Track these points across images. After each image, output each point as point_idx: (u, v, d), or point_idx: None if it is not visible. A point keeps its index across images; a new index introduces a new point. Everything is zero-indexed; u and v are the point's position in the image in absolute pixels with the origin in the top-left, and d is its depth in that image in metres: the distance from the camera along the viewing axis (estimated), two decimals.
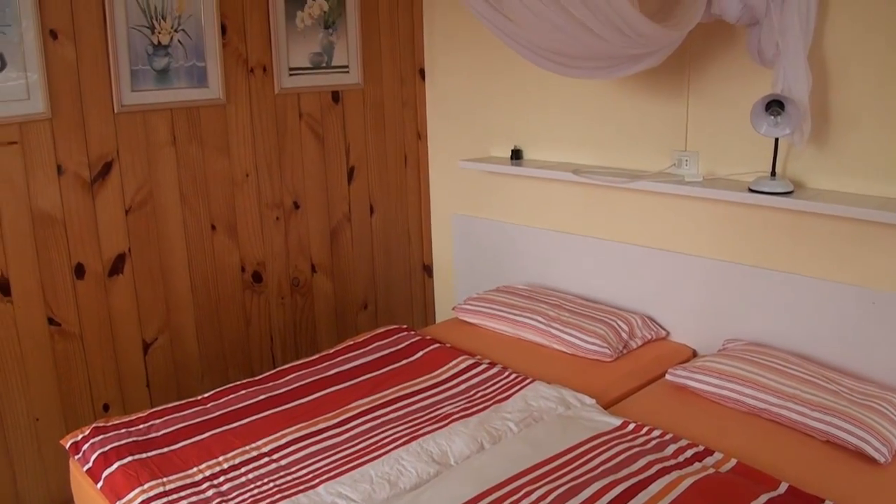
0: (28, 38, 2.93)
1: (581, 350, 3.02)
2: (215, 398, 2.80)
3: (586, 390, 2.71)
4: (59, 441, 3.12)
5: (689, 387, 2.71)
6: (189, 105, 3.36)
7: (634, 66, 2.80)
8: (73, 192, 3.11)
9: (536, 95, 3.62)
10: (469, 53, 3.91)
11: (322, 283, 3.92)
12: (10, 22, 2.89)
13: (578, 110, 3.47)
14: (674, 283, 3.18)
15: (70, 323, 3.17)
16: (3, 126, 2.93)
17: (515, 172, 3.62)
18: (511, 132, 3.78)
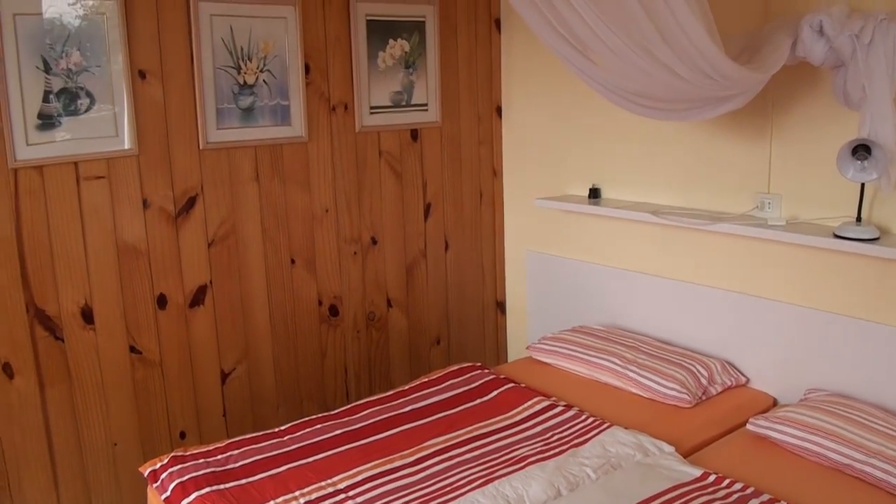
0: (117, 77, 3.04)
1: (659, 395, 2.98)
2: (292, 431, 2.83)
3: (665, 437, 2.67)
4: (138, 468, 3.19)
5: (770, 438, 2.65)
6: (272, 142, 3.44)
7: (718, 109, 2.77)
8: (158, 225, 3.21)
9: (615, 134, 3.61)
10: (547, 91, 3.93)
11: (397, 317, 3.95)
12: (100, 62, 3.01)
13: (658, 150, 3.45)
14: (754, 328, 3.12)
15: (151, 351, 3.25)
16: (91, 161, 3.04)
17: (594, 212, 3.60)
18: (588, 170, 3.78)
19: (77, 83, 2.98)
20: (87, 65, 2.98)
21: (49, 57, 2.90)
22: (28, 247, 2.96)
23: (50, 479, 3.11)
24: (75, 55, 2.95)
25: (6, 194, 2.89)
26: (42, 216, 2.97)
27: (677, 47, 2.44)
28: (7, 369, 2.97)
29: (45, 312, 3.02)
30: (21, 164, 2.90)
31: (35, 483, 3.08)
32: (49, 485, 3.10)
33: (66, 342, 3.08)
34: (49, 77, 2.92)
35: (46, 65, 2.90)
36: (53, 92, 2.94)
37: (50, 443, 3.09)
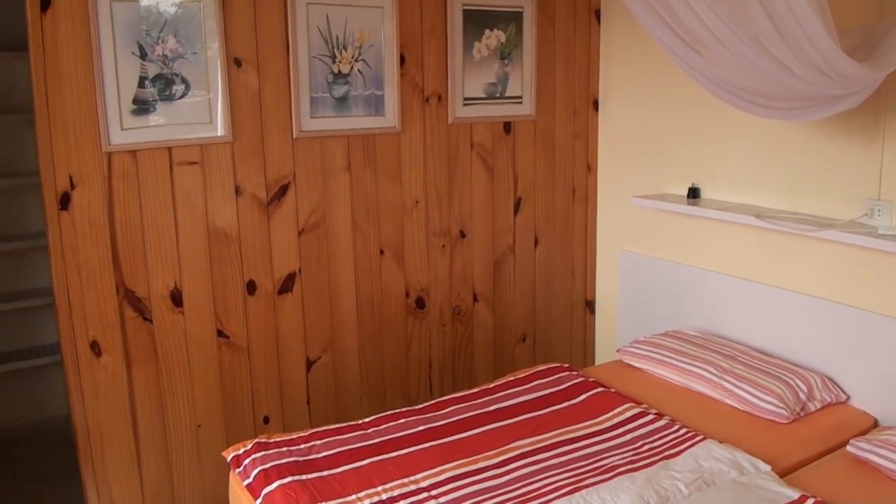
0: (213, 65, 3.05)
1: (755, 408, 2.84)
2: (376, 424, 2.80)
3: (761, 454, 2.53)
4: (221, 451, 3.22)
5: (872, 462, 2.49)
6: (365, 132, 3.41)
7: (832, 108, 2.62)
8: (250, 213, 3.21)
9: (717, 131, 3.46)
10: (646, 85, 3.80)
11: (483, 312, 3.88)
12: (196, 49, 3.01)
13: (763, 150, 3.29)
14: (858, 343, 2.95)
15: (238, 336, 3.26)
16: (185, 147, 3.06)
17: (692, 212, 3.47)
18: (687, 168, 3.64)
19: (172, 69, 2.99)
20: (182, 51, 2.99)
21: (145, 43, 2.92)
22: (119, 229, 2.99)
23: (133, 457, 3.15)
24: (171, 42, 2.97)
25: (99, 177, 2.92)
26: (135, 199, 3.00)
27: (792, 42, 2.31)
28: (95, 347, 3.02)
29: (135, 294, 3.06)
30: (115, 147, 2.93)
31: (118, 460, 3.12)
32: (132, 462, 3.15)
33: (155, 324, 3.11)
34: (145, 63, 2.94)
35: (142, 51, 2.92)
36: (149, 78, 2.96)
37: (134, 421, 3.13)
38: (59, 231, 2.91)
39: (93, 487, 3.10)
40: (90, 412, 3.05)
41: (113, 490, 3.14)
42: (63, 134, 2.84)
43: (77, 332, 3.00)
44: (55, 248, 2.92)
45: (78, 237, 2.94)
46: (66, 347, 3.00)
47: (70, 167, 2.87)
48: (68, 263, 2.94)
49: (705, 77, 2.67)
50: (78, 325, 2.99)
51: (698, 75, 2.68)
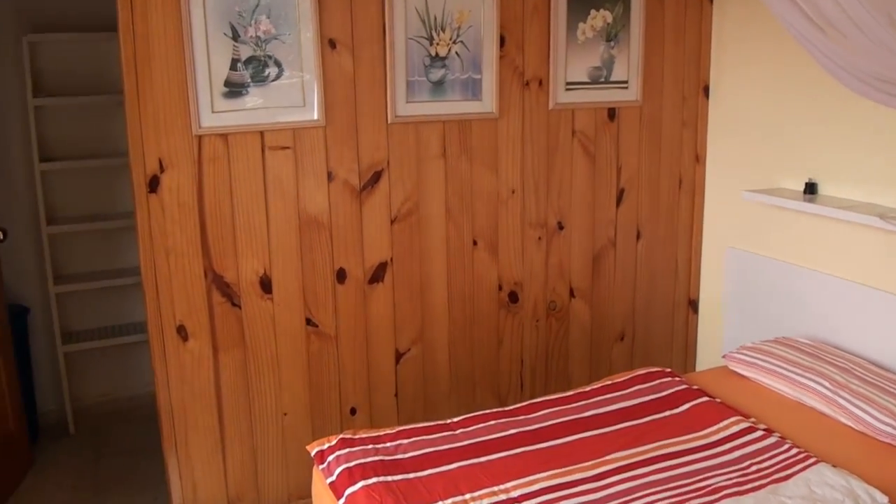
0: (307, 46, 2.96)
1: (872, 429, 2.59)
2: (465, 425, 2.67)
3: (879, 483, 2.29)
4: (306, 440, 3.19)
5: None
6: (461, 118, 3.27)
7: None
8: (342, 199, 3.12)
9: (840, 123, 3.19)
10: (762, 70, 3.54)
11: (579, 309, 3.71)
12: (290, 30, 2.93)
13: (889, 143, 3.01)
14: None
15: (327, 325, 3.19)
16: (277, 131, 2.99)
17: (809, 210, 3.21)
18: (804, 162, 3.38)
19: (265, 51, 2.91)
20: (276, 33, 2.91)
21: (238, 24, 2.85)
22: (209, 213, 2.95)
23: (217, 444, 3.13)
24: (264, 23, 2.88)
25: (189, 160, 2.88)
26: (225, 184, 2.94)
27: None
28: (182, 331, 3.00)
29: (224, 279, 3.01)
30: (206, 130, 2.87)
31: (202, 445, 3.11)
32: (216, 449, 3.13)
33: (243, 309, 3.07)
34: (237, 45, 2.86)
35: (235, 32, 2.85)
36: (241, 60, 2.89)
37: (220, 407, 3.10)
38: (148, 214, 2.88)
39: (175, 471, 3.10)
40: (175, 397, 3.04)
41: (196, 475, 3.13)
42: (153, 116, 2.80)
43: (164, 316, 2.98)
44: (143, 232, 2.89)
45: (167, 220, 2.90)
46: (153, 331, 2.98)
47: (160, 150, 2.84)
48: (156, 247, 2.91)
49: (833, 62, 2.44)
50: (165, 309, 2.97)
51: (826, 59, 2.45)
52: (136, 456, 3.97)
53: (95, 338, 4.29)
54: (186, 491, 3.13)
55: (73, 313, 4.34)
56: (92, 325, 4.40)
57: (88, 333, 4.34)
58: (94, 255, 4.33)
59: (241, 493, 3.22)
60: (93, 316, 4.40)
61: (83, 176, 4.23)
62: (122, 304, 4.41)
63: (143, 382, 4.48)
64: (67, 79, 4.12)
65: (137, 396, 4.49)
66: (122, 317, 4.44)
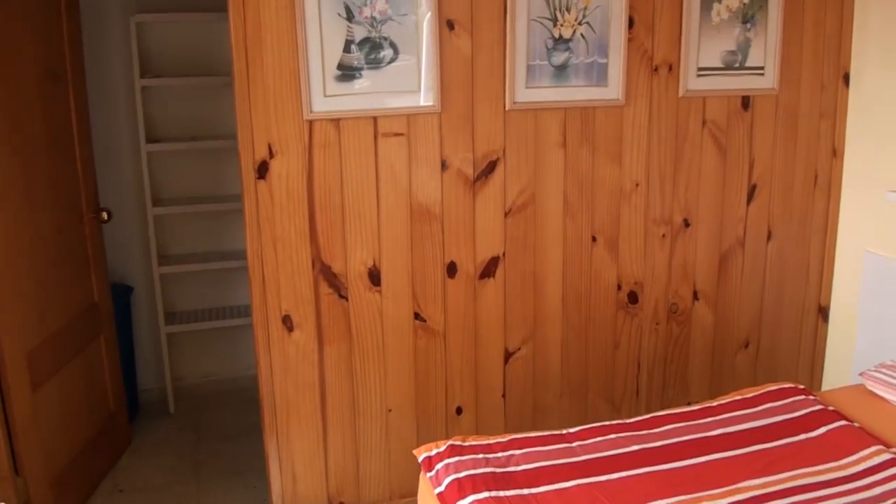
0: (424, 28, 2.80)
1: None
2: (581, 437, 2.49)
3: None
4: (410, 438, 3.08)
5: None
6: (584, 105, 3.07)
7: None
8: (455, 189, 2.96)
9: None
10: None
11: (702, 312, 3.46)
12: (406, 10, 2.78)
13: None
14: None
15: (435, 320, 3.05)
16: (391, 117, 2.85)
17: None
18: None
19: (381, 33, 2.77)
20: (392, 13, 2.76)
21: (352, 4, 2.71)
22: (318, 201, 2.84)
23: (319, 436, 3.05)
24: (380, 3, 2.74)
25: (299, 146, 2.77)
26: (335, 171, 2.82)
27: None
28: (287, 322, 2.91)
29: (331, 269, 2.90)
30: (317, 115, 2.75)
31: (304, 437, 3.04)
32: (317, 441, 3.05)
33: (350, 301, 2.96)
34: (351, 25, 2.72)
35: (349, 12, 2.71)
36: (355, 41, 2.75)
37: (323, 400, 3.02)
38: (256, 201, 2.78)
39: (276, 462, 3.03)
40: (279, 388, 2.97)
41: (296, 467, 3.06)
42: (263, 100, 2.70)
43: (270, 306, 2.89)
44: (251, 219, 2.79)
45: (275, 208, 2.80)
46: (258, 321, 2.90)
47: (269, 135, 2.73)
48: (264, 234, 2.82)
49: None
50: (271, 298, 2.88)
51: None
52: (235, 440, 3.93)
53: (198, 319, 4.28)
54: (286, 483, 3.06)
55: (177, 294, 4.33)
56: (195, 307, 4.39)
57: (191, 315, 4.32)
58: (199, 237, 4.30)
59: (342, 488, 3.12)
60: (196, 297, 4.38)
61: (189, 158, 4.20)
62: (225, 286, 4.37)
63: (244, 365, 4.44)
64: (174, 59, 4.08)
65: (238, 379, 4.46)
66: (224, 299, 4.40)
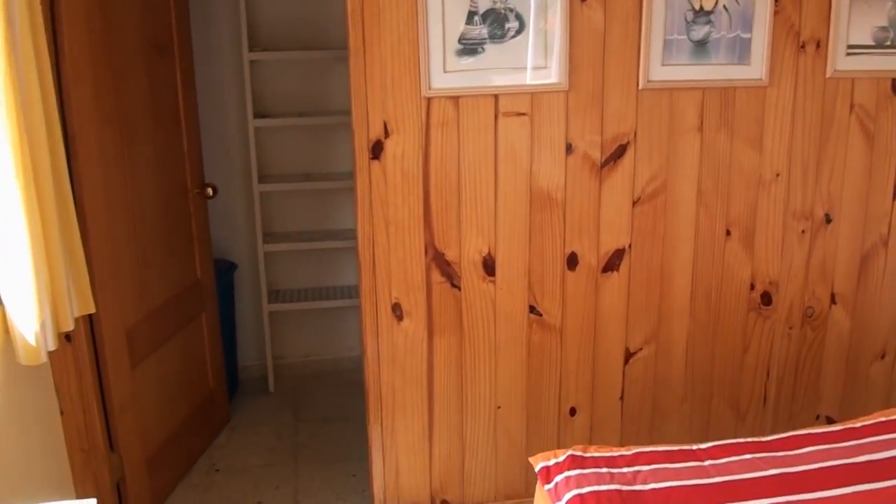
0: None
1: None
2: (714, 455, 2.27)
3: None
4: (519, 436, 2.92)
5: None
6: (724, 85, 2.80)
7: None
8: (579, 175, 2.75)
9: None
10: None
11: (839, 317, 3.14)
12: None
13: None
14: None
15: (552, 315, 2.86)
16: (514, 95, 2.65)
17: None
18: None
19: (506, 4, 2.58)
20: None
21: None
22: (434, 184, 2.68)
23: (424, 429, 2.93)
24: None
25: (416, 125, 2.61)
26: (453, 152, 2.66)
27: None
28: (396, 310, 2.79)
29: (445, 257, 2.75)
30: (436, 92, 2.58)
31: (409, 429, 2.93)
32: (422, 434, 2.94)
33: (463, 291, 2.81)
34: None
35: None
36: (479, 13, 2.56)
37: (430, 393, 2.89)
38: (369, 181, 2.64)
39: (379, 453, 2.93)
40: (385, 377, 2.85)
41: (399, 459, 2.95)
42: (379, 75, 2.55)
43: (379, 293, 2.76)
44: (363, 200, 2.65)
45: (388, 189, 2.65)
46: (366, 307, 2.77)
47: (385, 113, 2.58)
48: (376, 217, 2.68)
49: None
50: (381, 284, 2.75)
51: None
52: (336, 424, 3.84)
53: (301, 299, 4.19)
54: (389, 476, 2.96)
55: (281, 272, 4.25)
56: (298, 286, 4.30)
57: (294, 293, 4.24)
58: (305, 214, 4.20)
59: (446, 484, 2.99)
60: (299, 276, 4.29)
61: (297, 134, 4.09)
62: (329, 266, 4.26)
63: (346, 347, 4.35)
64: (284, 33, 3.96)
65: (340, 360, 4.37)
66: (329, 279, 4.29)
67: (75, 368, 2.73)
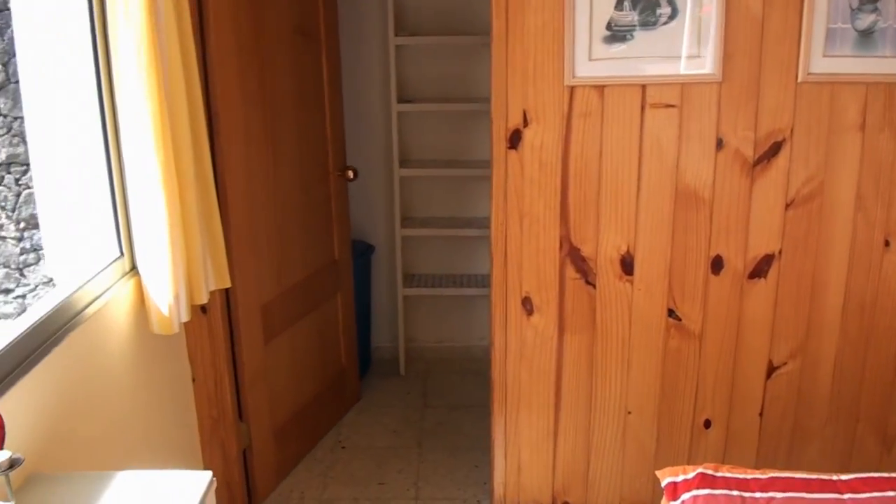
0: None
1: None
2: (855, 488, 2.08)
3: None
4: (648, 445, 2.80)
5: None
6: (891, 80, 2.55)
7: None
8: (730, 173, 2.59)
9: None
10: None
11: None
12: None
13: None
14: None
15: (692, 320, 2.72)
16: (662, 85, 2.51)
17: None
18: None
19: None
20: None
21: None
22: (573, 176, 2.59)
23: (549, 428, 2.86)
24: None
25: (557, 114, 2.52)
26: (594, 144, 2.56)
27: None
28: (527, 304, 2.72)
29: (580, 252, 2.66)
30: (580, 81, 2.48)
31: (533, 426, 2.88)
32: (547, 433, 2.87)
33: (598, 289, 2.71)
34: None
35: None
36: None
37: (558, 391, 2.82)
38: (505, 172, 2.58)
39: (501, 448, 2.89)
40: (512, 371, 2.80)
41: (522, 456, 2.90)
42: (521, 62, 2.47)
43: (510, 285, 2.71)
44: (498, 190, 2.60)
45: (525, 181, 2.58)
46: (497, 299, 2.73)
47: (525, 101, 2.50)
48: (510, 208, 2.62)
49: None
50: (512, 277, 2.70)
51: None
52: (463, 412, 3.82)
53: (435, 284, 4.18)
54: (510, 471, 2.91)
55: (417, 256, 4.25)
56: (433, 271, 4.29)
57: (429, 279, 4.23)
58: (445, 201, 4.18)
59: (568, 486, 2.91)
60: (435, 262, 4.28)
61: (440, 120, 4.06)
62: (466, 254, 4.22)
63: (478, 336, 4.31)
64: (431, 17, 3.93)
65: (471, 349, 4.34)
66: (464, 266, 4.25)
67: (209, 339, 2.81)
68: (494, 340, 2.77)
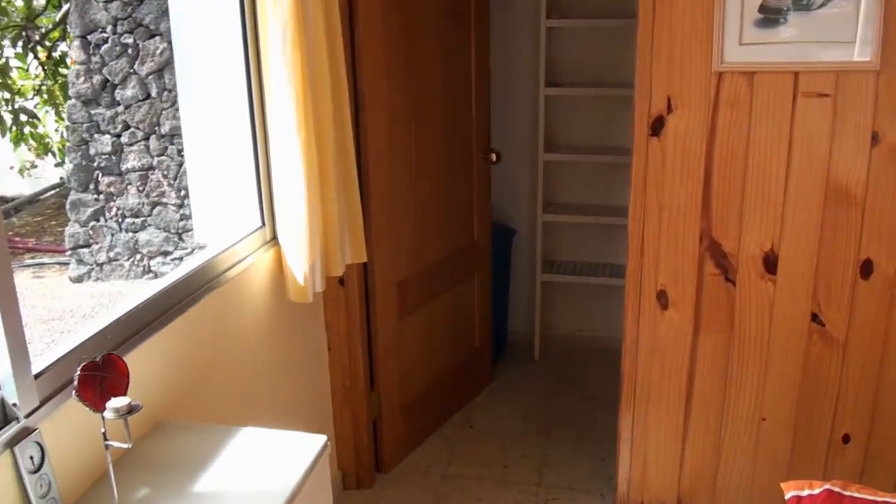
0: None
1: None
2: None
3: None
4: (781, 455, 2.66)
5: None
6: None
7: None
8: (885, 170, 2.40)
9: None
10: None
11: None
12: None
13: None
14: None
15: (836, 327, 2.55)
16: (816, 73, 2.36)
17: None
18: None
19: None
20: None
21: None
22: (718, 168, 2.48)
23: (678, 428, 2.77)
24: None
25: (703, 102, 2.41)
26: (741, 134, 2.44)
27: None
28: (662, 298, 2.64)
29: (721, 248, 2.55)
30: (728, 66, 2.37)
31: (661, 425, 2.80)
32: (675, 433, 2.79)
33: (737, 287, 2.59)
34: None
35: None
36: None
37: (689, 391, 2.72)
38: (646, 160, 2.50)
39: (627, 444, 2.83)
40: (642, 365, 2.73)
41: (648, 454, 2.83)
42: (667, 46, 2.38)
43: (645, 277, 2.63)
44: (637, 179, 2.53)
45: (666, 170, 2.50)
46: (630, 291, 2.67)
47: (670, 86, 2.41)
48: (649, 198, 2.55)
49: None
50: (648, 269, 2.63)
51: None
52: (594, 403, 3.76)
53: (575, 272, 4.12)
54: (635, 468, 2.84)
55: (557, 243, 4.20)
56: (574, 258, 4.23)
57: (569, 266, 4.17)
58: (588, 187, 4.11)
59: (695, 490, 2.81)
60: (576, 249, 4.22)
61: (588, 104, 3.99)
62: (608, 242, 4.12)
63: (616, 327, 4.19)
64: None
65: (608, 339, 4.24)
66: (605, 255, 4.17)
67: (346, 310, 2.89)
68: (626, 332, 2.71)
